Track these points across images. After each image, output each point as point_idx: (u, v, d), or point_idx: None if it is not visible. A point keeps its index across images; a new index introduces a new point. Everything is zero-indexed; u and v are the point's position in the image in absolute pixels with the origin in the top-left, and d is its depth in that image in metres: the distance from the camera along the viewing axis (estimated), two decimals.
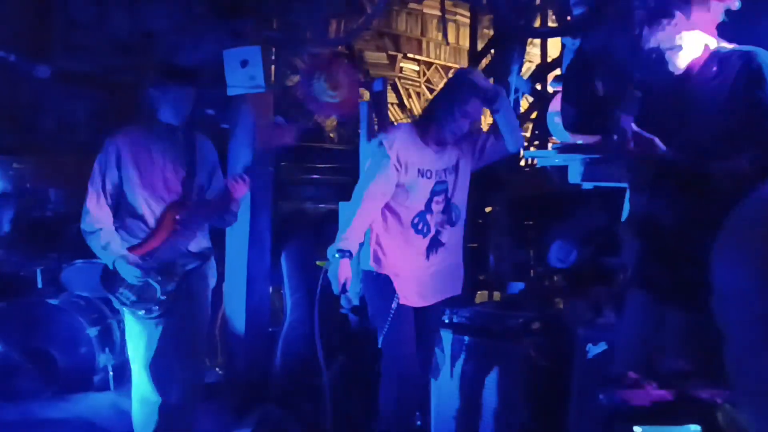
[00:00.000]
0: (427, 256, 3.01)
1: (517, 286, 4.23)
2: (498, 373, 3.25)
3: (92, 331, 4.13)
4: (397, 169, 2.92)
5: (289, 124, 3.34)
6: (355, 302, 3.57)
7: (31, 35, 4.95)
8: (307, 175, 5.67)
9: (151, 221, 3.05)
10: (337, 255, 2.92)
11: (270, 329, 4.31)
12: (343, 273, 2.90)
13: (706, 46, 2.03)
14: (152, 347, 3.05)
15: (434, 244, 3.02)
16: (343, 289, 2.96)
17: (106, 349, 4.21)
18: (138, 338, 3.06)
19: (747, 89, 1.93)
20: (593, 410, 2.91)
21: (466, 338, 3.38)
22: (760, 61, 1.92)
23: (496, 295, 4.75)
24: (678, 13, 1.95)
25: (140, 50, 4.36)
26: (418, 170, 2.95)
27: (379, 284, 3.01)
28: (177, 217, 3.05)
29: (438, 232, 3.03)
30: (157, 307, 2.99)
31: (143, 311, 3.00)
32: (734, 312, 0.53)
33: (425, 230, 2.99)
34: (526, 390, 3.17)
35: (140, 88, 3.23)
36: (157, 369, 3.06)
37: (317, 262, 4.64)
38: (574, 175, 3.95)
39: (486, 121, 5.49)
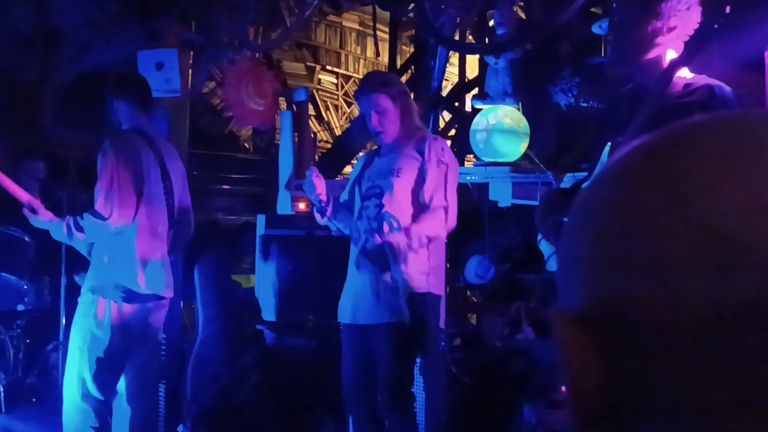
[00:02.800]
0: (358, 267, 2.78)
1: None
2: (421, 390, 3.22)
3: None
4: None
5: None
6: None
7: None
8: (219, 185, 5.51)
9: None
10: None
11: (181, 345, 4.11)
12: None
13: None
14: None
15: (363, 254, 2.76)
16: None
17: None
18: None
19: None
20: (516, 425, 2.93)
21: None
22: (722, 94, 1.98)
23: None
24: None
25: (46, 47, 4.10)
26: (355, 178, 2.89)
27: None
28: None
29: (367, 241, 2.73)
30: None
31: None
32: None
33: (357, 239, 2.79)
34: (449, 406, 3.15)
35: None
36: None
37: (232, 277, 4.50)
38: (495, 193, 4.02)
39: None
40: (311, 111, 6.23)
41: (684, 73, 2.08)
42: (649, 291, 0.39)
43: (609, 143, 1.99)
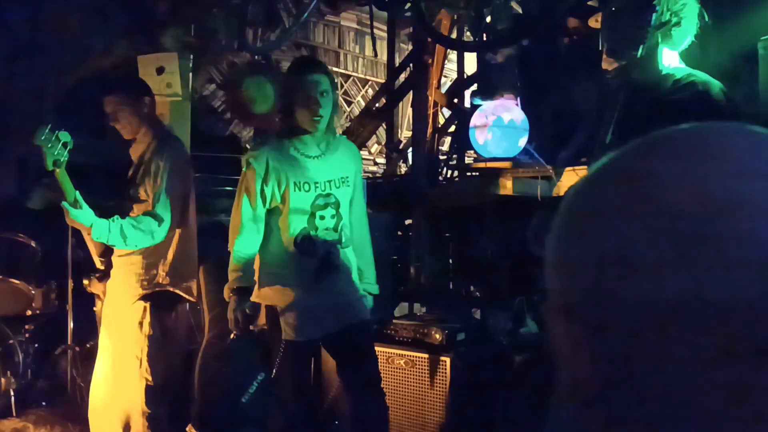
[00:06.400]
0: (317, 280, 2.64)
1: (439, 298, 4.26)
2: (425, 385, 3.24)
3: None
4: (266, 185, 2.63)
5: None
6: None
7: None
8: (222, 186, 5.53)
9: None
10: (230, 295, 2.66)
11: (187, 346, 4.14)
12: (232, 311, 2.65)
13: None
14: None
15: (325, 266, 2.64)
16: (241, 327, 2.67)
17: (8, 372, 3.93)
18: None
19: (695, 115, 1.99)
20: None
21: (391, 350, 3.36)
22: (706, 92, 1.99)
23: (416, 306, 4.77)
24: None
25: (46, 53, 4.12)
26: (294, 183, 2.62)
27: (271, 319, 2.73)
28: None
29: (329, 253, 2.65)
30: None
31: None
32: None
33: (312, 249, 2.63)
34: (453, 401, 3.18)
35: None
36: None
37: None
38: (496, 188, 4.04)
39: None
40: None
41: (674, 67, 2.10)
42: (626, 284, 0.42)
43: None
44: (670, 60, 2.09)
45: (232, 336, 2.80)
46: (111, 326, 3.10)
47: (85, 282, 3.22)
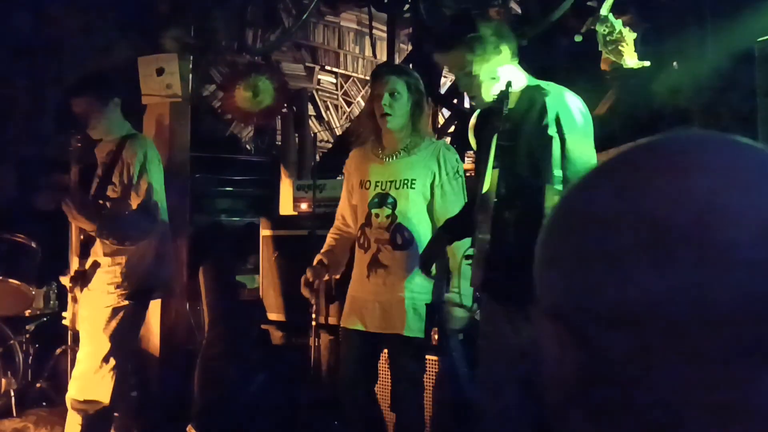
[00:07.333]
0: (368, 275, 2.72)
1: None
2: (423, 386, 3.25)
3: None
4: (348, 183, 2.89)
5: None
6: None
7: None
8: (222, 187, 5.55)
9: None
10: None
11: (187, 347, 4.15)
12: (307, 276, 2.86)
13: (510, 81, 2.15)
14: None
15: (374, 263, 2.70)
16: (309, 289, 2.88)
17: (8, 373, 3.94)
18: None
19: (539, 121, 2.11)
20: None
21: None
22: (548, 99, 2.10)
23: None
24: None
25: (47, 54, 4.13)
26: (360, 181, 2.79)
27: None
28: None
29: (378, 251, 2.70)
30: None
31: None
32: None
33: (366, 245, 2.73)
34: (453, 401, 3.18)
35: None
36: None
37: (237, 277, 4.54)
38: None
39: None
40: (311, 111, 6.27)
41: (519, 79, 2.17)
42: (603, 283, 0.43)
43: None
44: (515, 78, 2.15)
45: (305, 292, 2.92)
46: (91, 327, 3.09)
47: (69, 284, 3.20)
